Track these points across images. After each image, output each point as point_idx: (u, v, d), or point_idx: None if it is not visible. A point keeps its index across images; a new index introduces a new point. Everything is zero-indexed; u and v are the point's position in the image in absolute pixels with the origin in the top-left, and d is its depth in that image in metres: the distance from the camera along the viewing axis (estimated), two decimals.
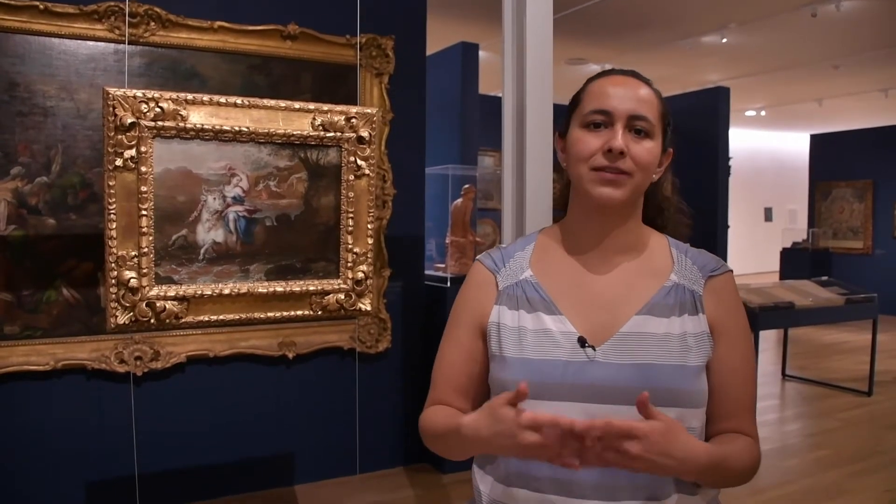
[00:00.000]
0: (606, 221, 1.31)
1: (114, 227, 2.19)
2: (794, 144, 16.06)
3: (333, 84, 3.75)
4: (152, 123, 2.21)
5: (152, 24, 3.34)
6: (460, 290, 1.44)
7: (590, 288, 1.31)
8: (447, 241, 4.40)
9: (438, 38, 5.82)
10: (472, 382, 1.37)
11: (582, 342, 1.24)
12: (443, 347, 1.42)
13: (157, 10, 3.33)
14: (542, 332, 1.27)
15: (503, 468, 1.29)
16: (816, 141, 11.73)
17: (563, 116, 1.40)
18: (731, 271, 1.35)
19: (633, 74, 1.34)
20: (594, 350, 1.23)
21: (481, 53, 6.23)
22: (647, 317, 1.26)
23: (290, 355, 3.75)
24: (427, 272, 4.33)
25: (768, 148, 16.43)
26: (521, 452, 1.10)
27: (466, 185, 4.42)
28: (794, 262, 10.88)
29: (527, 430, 1.07)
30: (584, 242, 1.34)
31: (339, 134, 2.51)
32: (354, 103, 3.67)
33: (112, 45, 3.29)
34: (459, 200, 4.39)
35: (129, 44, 3.31)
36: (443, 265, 4.41)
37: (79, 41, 3.24)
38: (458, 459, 1.32)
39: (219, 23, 3.47)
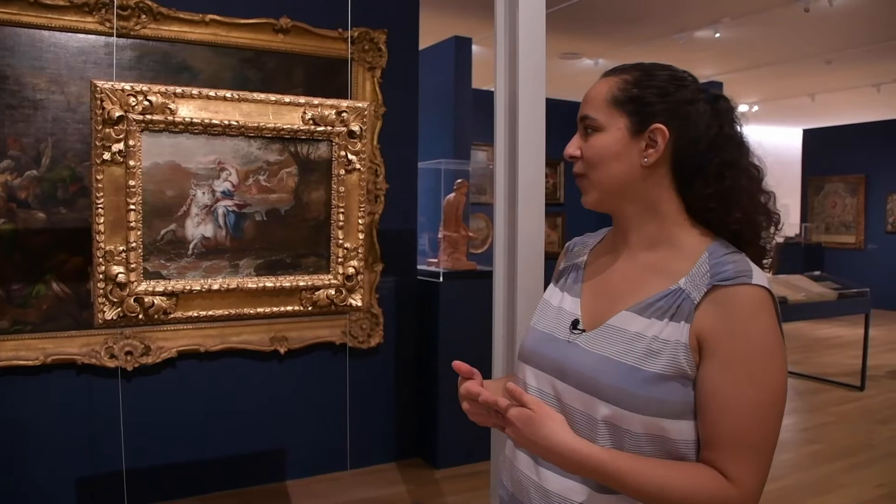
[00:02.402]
0: (617, 220, 1.36)
1: (101, 221, 2.18)
2: (786, 139, 16.03)
3: (326, 78, 3.73)
4: (140, 117, 2.19)
5: (143, 16, 3.32)
6: None
7: (608, 279, 1.35)
8: (440, 236, 4.38)
9: (431, 32, 5.79)
10: None
11: (574, 324, 1.31)
12: None
13: (148, 2, 3.31)
14: (557, 310, 1.38)
15: None
16: (809, 136, 11.75)
17: None
18: (753, 286, 1.15)
19: (606, 73, 1.33)
20: (579, 334, 1.29)
21: (475, 48, 6.21)
22: (633, 315, 1.23)
23: (282, 350, 3.74)
24: (420, 267, 4.32)
25: (761, 142, 16.41)
26: (469, 417, 1.30)
27: (459, 180, 4.41)
28: (787, 256, 10.90)
29: (464, 400, 1.29)
30: (617, 240, 1.38)
31: (329, 128, 2.49)
32: (347, 97, 3.65)
33: (103, 38, 3.26)
34: (452, 195, 4.37)
35: (119, 36, 3.28)
36: (435, 260, 4.40)
37: (69, 34, 3.21)
38: None
39: (210, 16, 3.45)
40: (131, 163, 2.19)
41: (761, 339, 1.13)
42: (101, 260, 2.20)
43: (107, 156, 2.16)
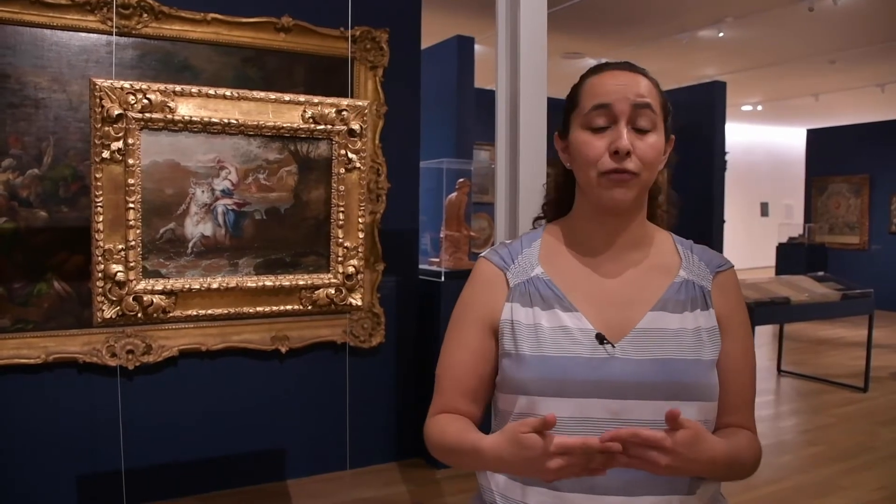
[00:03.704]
0: (616, 221, 1.30)
1: (100, 220, 2.17)
2: (790, 139, 16.05)
3: (328, 77, 3.73)
4: (140, 115, 2.19)
5: (145, 15, 3.32)
6: (465, 289, 1.40)
7: (602, 285, 1.30)
8: (442, 236, 4.38)
9: (434, 31, 5.79)
10: (482, 384, 1.34)
11: (600, 338, 1.23)
12: (448, 349, 1.38)
13: (150, 1, 3.30)
14: (560, 329, 1.25)
15: None
16: (813, 136, 11.72)
17: (562, 115, 1.37)
18: (734, 267, 1.38)
19: (628, 66, 1.30)
20: (613, 346, 1.23)
21: (477, 47, 6.21)
22: (662, 313, 1.26)
23: (283, 349, 3.73)
24: (421, 266, 4.32)
25: (764, 143, 16.41)
26: (549, 476, 1.08)
27: (461, 179, 4.40)
28: (790, 257, 10.88)
29: (556, 457, 1.05)
30: (593, 241, 1.33)
31: (329, 126, 2.49)
32: (348, 96, 3.64)
33: (104, 37, 3.26)
34: (454, 194, 4.37)
35: (121, 35, 3.28)
36: (437, 259, 4.40)
37: (71, 32, 3.21)
38: (470, 470, 1.31)
39: (212, 15, 3.45)
40: (130, 161, 2.19)
41: (745, 309, 1.37)
42: (99, 258, 2.20)
43: (106, 154, 2.15)
